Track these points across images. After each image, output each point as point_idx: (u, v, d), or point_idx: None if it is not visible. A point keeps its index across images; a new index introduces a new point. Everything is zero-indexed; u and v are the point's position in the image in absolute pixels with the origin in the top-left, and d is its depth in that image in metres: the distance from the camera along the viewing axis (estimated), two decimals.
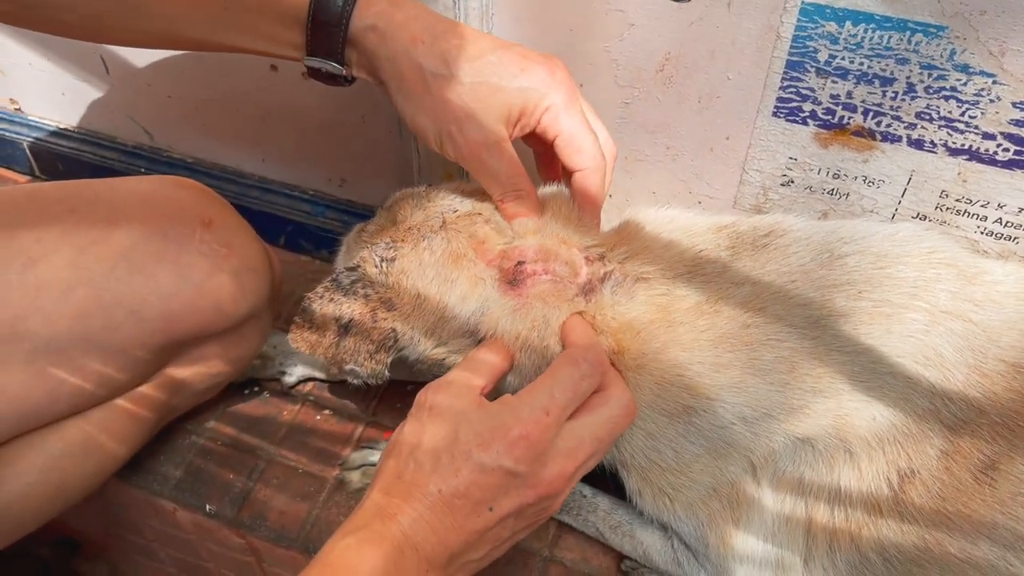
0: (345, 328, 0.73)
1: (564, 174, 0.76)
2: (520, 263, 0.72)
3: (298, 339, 0.75)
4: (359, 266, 0.74)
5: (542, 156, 0.81)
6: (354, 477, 0.94)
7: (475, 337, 0.73)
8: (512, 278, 0.72)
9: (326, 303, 0.74)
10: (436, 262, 0.72)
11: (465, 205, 0.76)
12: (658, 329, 0.71)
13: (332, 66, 0.71)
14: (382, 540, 0.57)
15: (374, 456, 0.95)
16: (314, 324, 0.74)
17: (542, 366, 0.71)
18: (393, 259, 0.73)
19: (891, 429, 0.68)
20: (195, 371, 0.84)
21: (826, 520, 0.73)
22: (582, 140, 0.71)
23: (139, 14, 0.70)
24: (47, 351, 0.71)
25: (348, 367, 0.75)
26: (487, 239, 0.73)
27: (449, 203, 0.76)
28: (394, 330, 0.73)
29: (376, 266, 0.73)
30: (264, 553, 0.98)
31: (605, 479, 0.81)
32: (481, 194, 0.77)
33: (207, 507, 0.95)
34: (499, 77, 0.68)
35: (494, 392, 0.69)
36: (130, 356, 0.75)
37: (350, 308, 0.73)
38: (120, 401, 0.79)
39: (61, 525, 1.19)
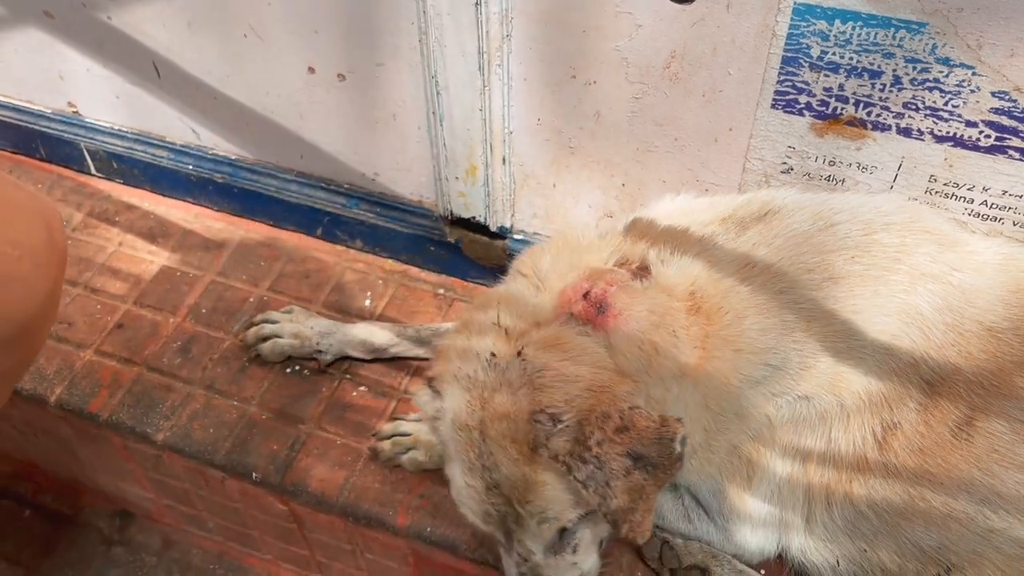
0: None
1: None
2: (586, 293, 0.74)
3: None
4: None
5: None
6: (386, 447, 1.01)
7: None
8: (595, 309, 0.73)
9: None
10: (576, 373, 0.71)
11: (483, 340, 0.74)
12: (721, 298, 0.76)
13: None
14: None
15: (405, 426, 1.02)
16: None
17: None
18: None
19: (876, 383, 0.74)
20: None
21: (822, 477, 0.79)
22: None
23: None
24: None
25: None
26: (531, 313, 0.74)
27: (485, 348, 0.74)
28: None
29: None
30: (305, 519, 1.06)
31: None
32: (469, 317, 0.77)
33: (253, 475, 1.03)
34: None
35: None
36: None
37: None
38: None
39: (118, 498, 1.29)
